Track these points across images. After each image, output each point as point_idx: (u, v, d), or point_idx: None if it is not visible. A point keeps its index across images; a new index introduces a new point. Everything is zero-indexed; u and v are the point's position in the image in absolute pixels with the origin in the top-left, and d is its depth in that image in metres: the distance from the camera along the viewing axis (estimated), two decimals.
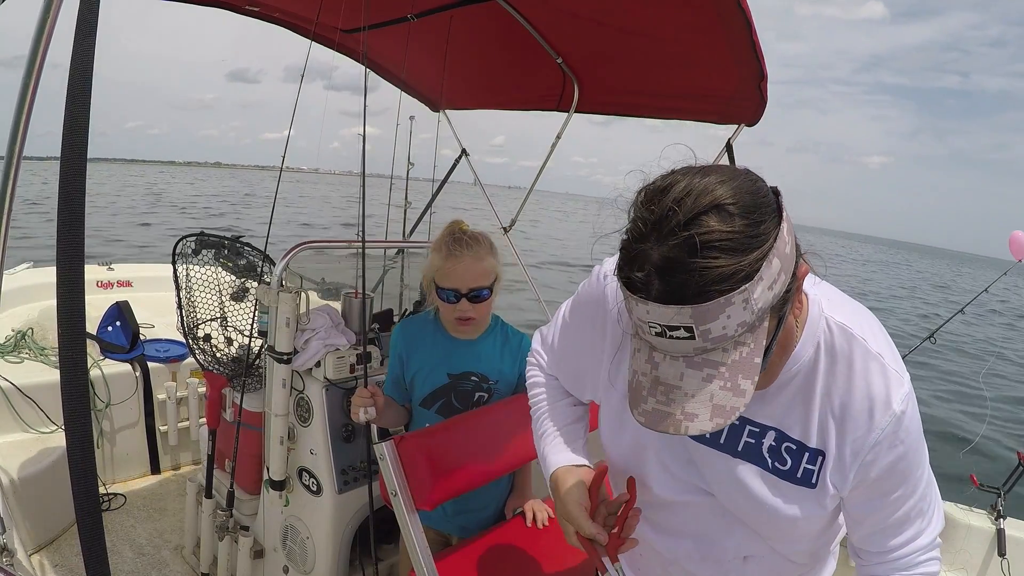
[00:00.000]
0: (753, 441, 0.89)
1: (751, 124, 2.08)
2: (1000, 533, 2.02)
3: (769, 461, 0.88)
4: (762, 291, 0.65)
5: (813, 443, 0.86)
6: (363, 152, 1.75)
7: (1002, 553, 1.99)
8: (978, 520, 2.07)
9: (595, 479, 0.97)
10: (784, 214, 0.68)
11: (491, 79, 2.85)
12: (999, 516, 2.06)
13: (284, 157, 2.07)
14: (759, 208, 0.65)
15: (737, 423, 0.89)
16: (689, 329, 0.65)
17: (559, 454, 1.05)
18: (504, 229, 2.97)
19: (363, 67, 1.90)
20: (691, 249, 0.63)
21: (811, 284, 0.85)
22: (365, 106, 1.75)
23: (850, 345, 0.83)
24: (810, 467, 0.86)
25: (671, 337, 0.67)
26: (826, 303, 0.86)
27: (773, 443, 0.88)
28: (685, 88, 2.13)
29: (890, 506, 0.86)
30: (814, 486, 0.86)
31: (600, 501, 0.95)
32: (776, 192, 0.70)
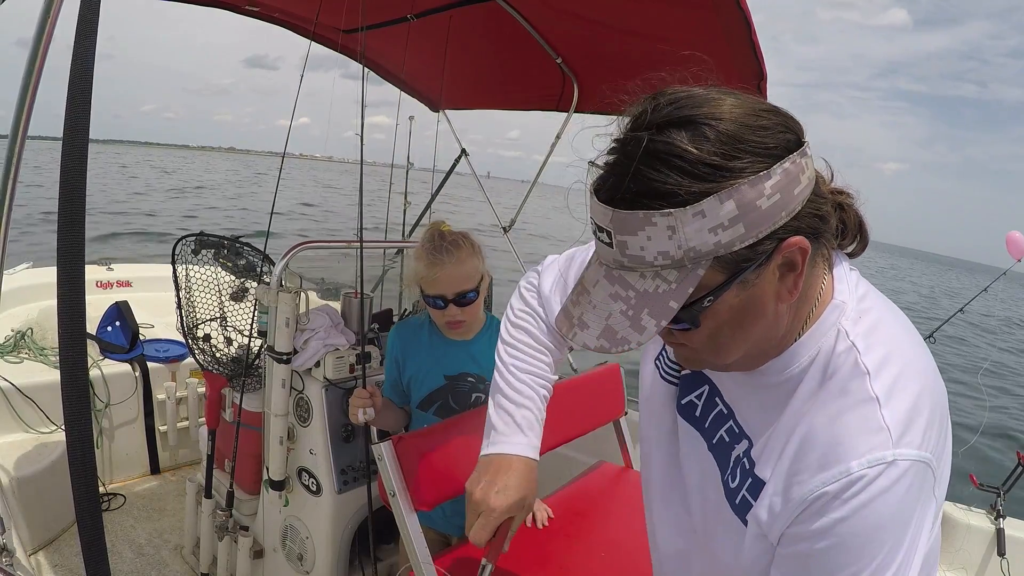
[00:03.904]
0: (728, 440, 0.77)
1: None
2: (1000, 533, 2.02)
3: (729, 469, 0.76)
4: (699, 229, 0.57)
5: (760, 470, 0.71)
6: (361, 152, 1.75)
7: (1002, 553, 1.99)
8: (978, 520, 2.08)
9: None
10: (793, 170, 0.59)
11: (491, 79, 2.85)
12: (999, 516, 2.07)
13: (285, 149, 2.06)
14: (745, 143, 0.58)
15: (726, 412, 0.78)
16: (610, 235, 0.61)
17: (516, 435, 1.00)
18: (504, 229, 2.97)
19: (364, 68, 1.89)
20: (644, 155, 0.58)
21: (852, 288, 0.71)
22: (363, 106, 1.75)
23: (850, 372, 0.66)
24: (749, 497, 0.71)
25: (599, 240, 0.63)
26: (854, 316, 0.69)
27: (740, 454, 0.75)
28: None
29: None
30: (745, 524, 0.72)
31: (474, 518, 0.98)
32: (797, 144, 0.61)
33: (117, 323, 3.03)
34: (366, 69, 1.87)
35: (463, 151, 2.97)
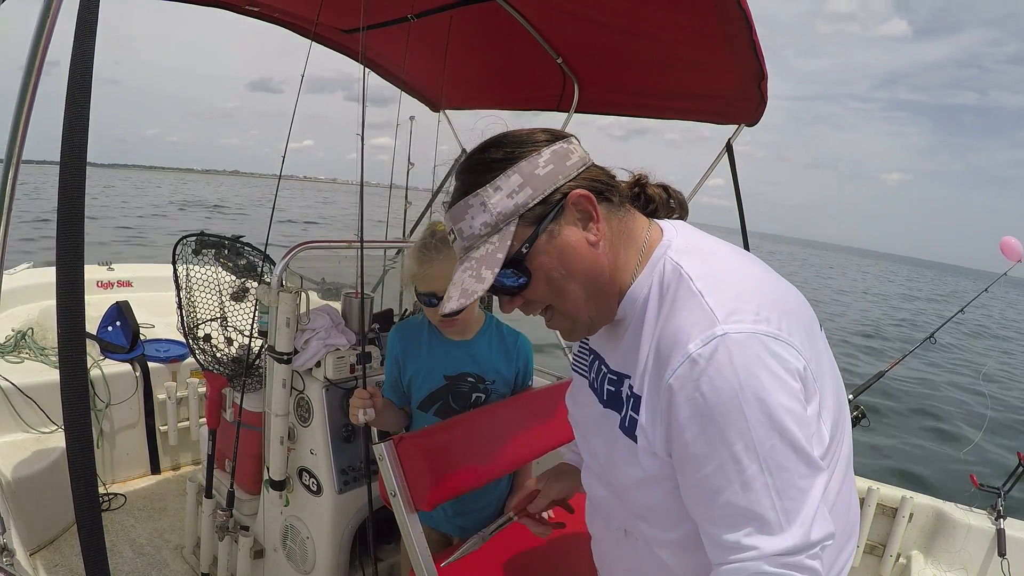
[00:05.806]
0: (614, 389, 0.90)
1: (751, 124, 2.08)
2: (1000, 533, 2.02)
3: (624, 408, 0.87)
4: (500, 198, 0.82)
5: (637, 388, 0.83)
6: (361, 151, 1.75)
7: (1002, 553, 1.99)
8: (978, 520, 2.08)
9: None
10: (560, 151, 0.84)
11: (491, 79, 2.85)
12: (999, 516, 2.07)
13: (284, 156, 2.08)
14: (523, 143, 0.84)
15: (606, 370, 0.93)
16: (453, 232, 0.86)
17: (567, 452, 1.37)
18: None
19: (364, 68, 1.89)
20: (465, 168, 0.86)
21: (679, 232, 0.88)
22: (364, 105, 1.75)
23: (677, 283, 0.81)
24: (635, 415, 0.83)
25: (454, 244, 0.88)
26: (680, 247, 0.85)
27: (628, 392, 0.86)
28: (685, 88, 2.12)
29: (707, 483, 0.73)
30: (636, 440, 0.83)
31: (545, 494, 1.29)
32: (564, 139, 0.86)
33: (118, 323, 3.03)
34: (366, 68, 1.87)
35: (463, 151, 2.96)
